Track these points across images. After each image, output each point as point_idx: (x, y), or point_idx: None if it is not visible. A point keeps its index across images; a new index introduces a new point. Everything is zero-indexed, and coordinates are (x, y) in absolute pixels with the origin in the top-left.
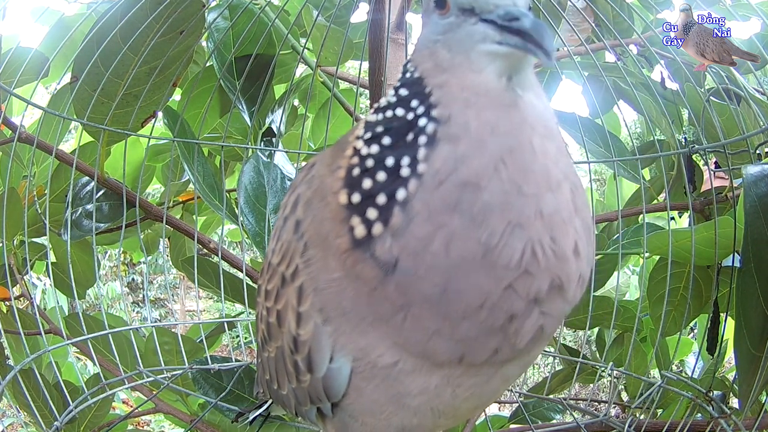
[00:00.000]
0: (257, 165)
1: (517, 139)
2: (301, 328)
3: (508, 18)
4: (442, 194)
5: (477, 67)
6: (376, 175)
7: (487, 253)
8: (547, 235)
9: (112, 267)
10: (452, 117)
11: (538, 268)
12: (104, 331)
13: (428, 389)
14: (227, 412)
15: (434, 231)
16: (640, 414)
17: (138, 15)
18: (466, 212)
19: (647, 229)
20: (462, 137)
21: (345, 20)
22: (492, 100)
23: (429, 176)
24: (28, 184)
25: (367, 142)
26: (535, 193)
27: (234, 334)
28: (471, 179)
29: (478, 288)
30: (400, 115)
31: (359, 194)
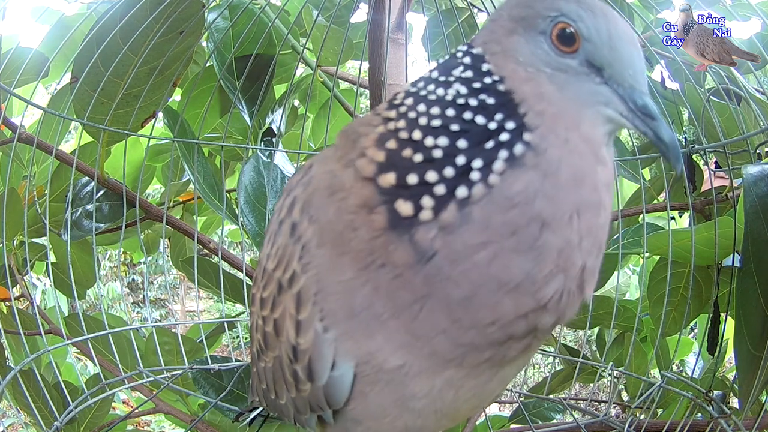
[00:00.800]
0: (257, 165)
1: (597, 199)
2: (301, 336)
3: (642, 109)
4: (509, 216)
5: (590, 121)
6: (444, 170)
7: (523, 283)
8: (581, 285)
9: (112, 267)
10: (548, 151)
11: (555, 308)
12: (104, 331)
13: (432, 391)
14: (227, 412)
15: (485, 243)
16: (641, 414)
17: (138, 15)
18: (524, 242)
19: (647, 229)
20: (551, 175)
21: (345, 20)
22: (590, 153)
23: (502, 194)
24: (28, 184)
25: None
26: (589, 250)
27: (234, 334)
28: (545, 217)
29: (498, 308)
30: (480, 123)
31: (417, 176)
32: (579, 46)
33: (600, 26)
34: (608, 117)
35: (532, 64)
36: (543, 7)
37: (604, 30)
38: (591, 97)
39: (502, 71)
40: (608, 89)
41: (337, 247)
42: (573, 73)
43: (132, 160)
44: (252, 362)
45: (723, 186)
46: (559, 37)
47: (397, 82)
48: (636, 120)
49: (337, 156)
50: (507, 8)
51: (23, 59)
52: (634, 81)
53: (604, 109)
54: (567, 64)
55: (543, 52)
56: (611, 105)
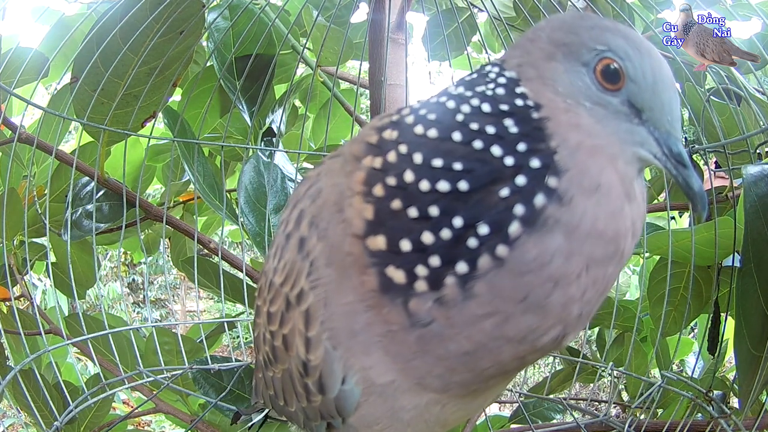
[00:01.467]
0: (257, 165)
1: (614, 250)
2: (311, 353)
3: (676, 156)
4: (518, 284)
5: (625, 157)
6: (440, 232)
7: (527, 337)
8: (577, 327)
9: (112, 267)
10: (574, 200)
11: (550, 347)
12: (104, 331)
13: (419, 406)
14: (227, 412)
15: (491, 314)
16: (641, 414)
17: (138, 15)
18: (532, 304)
19: (647, 229)
20: (574, 229)
21: (345, 20)
22: (622, 194)
23: (514, 263)
24: (28, 184)
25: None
26: (589, 300)
27: (234, 334)
28: (557, 278)
29: (498, 357)
30: (496, 155)
31: (410, 243)
32: (623, 85)
33: (646, 68)
34: (642, 157)
35: (572, 96)
36: (589, 38)
37: (649, 72)
38: (628, 136)
39: (539, 98)
40: (645, 131)
41: (341, 268)
42: (612, 110)
43: (132, 160)
44: (257, 368)
45: (723, 186)
46: (603, 72)
47: (397, 82)
48: (668, 164)
49: (345, 171)
50: (548, 30)
51: (23, 59)
52: (671, 127)
53: (639, 149)
54: (608, 101)
55: (584, 85)
56: (646, 146)
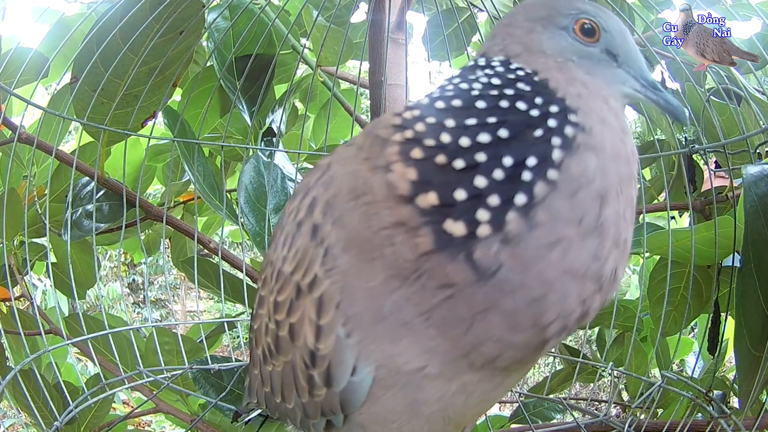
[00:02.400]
0: (258, 165)
1: (631, 171)
2: (321, 342)
3: (651, 84)
4: (574, 204)
5: (614, 97)
6: (493, 173)
7: (591, 267)
8: (621, 260)
9: (112, 267)
10: (593, 129)
11: (606, 288)
12: (104, 331)
13: (445, 396)
14: (227, 412)
15: (557, 241)
16: (641, 414)
17: (138, 15)
18: (589, 225)
19: (647, 228)
20: (601, 150)
21: (345, 20)
22: (619, 127)
23: (564, 183)
24: (28, 184)
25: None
26: (630, 220)
27: (234, 334)
28: (603, 193)
29: (565, 300)
30: (522, 109)
31: (464, 191)
32: (599, 37)
33: (612, 22)
34: (626, 93)
35: (561, 54)
36: (563, 7)
37: (615, 25)
38: (612, 78)
39: (533, 65)
40: (623, 71)
41: (363, 252)
42: (596, 59)
43: (132, 160)
44: (253, 364)
45: (723, 186)
46: (581, 30)
47: (397, 82)
48: (648, 93)
49: (361, 157)
50: (522, 12)
51: (23, 59)
52: (640, 64)
53: (622, 87)
54: (590, 51)
55: (568, 44)
56: (628, 83)
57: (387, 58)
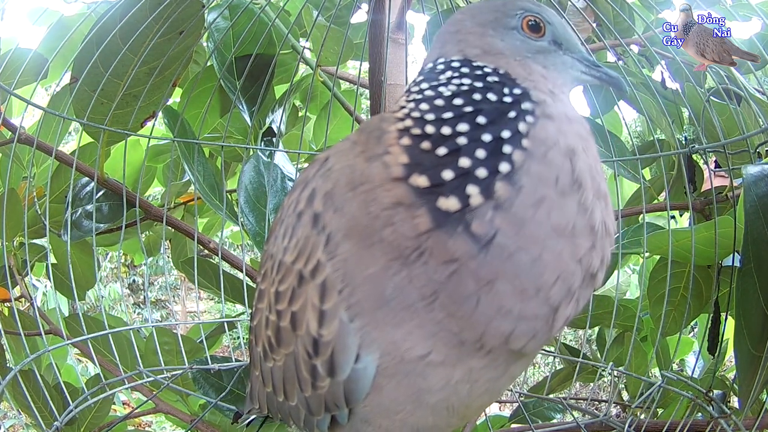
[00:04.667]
0: (258, 165)
1: (586, 131)
2: (324, 327)
3: (593, 63)
4: (547, 164)
5: (566, 83)
6: (475, 152)
7: (578, 220)
8: (606, 210)
9: (113, 269)
10: (546, 101)
11: (600, 243)
12: (104, 331)
13: (449, 384)
14: (227, 412)
15: (540, 200)
16: (641, 413)
17: (137, 15)
18: (566, 181)
19: (647, 228)
20: (556, 117)
21: (345, 20)
22: (567, 102)
23: (535, 147)
24: (27, 185)
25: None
26: (600, 173)
27: (234, 334)
28: (571, 149)
29: (562, 258)
30: (493, 99)
31: (451, 171)
32: (545, 31)
33: (551, 15)
34: (575, 77)
35: (519, 53)
36: (509, 9)
37: (554, 17)
38: (563, 66)
39: (495, 64)
40: (569, 57)
41: (364, 239)
42: (547, 51)
43: (132, 161)
44: (253, 366)
45: (723, 186)
46: (529, 27)
47: (398, 82)
48: (593, 72)
49: (357, 151)
50: (469, 18)
51: (23, 60)
52: (579, 47)
53: (571, 71)
54: (541, 45)
55: (520, 43)
56: (575, 67)
57: (387, 58)
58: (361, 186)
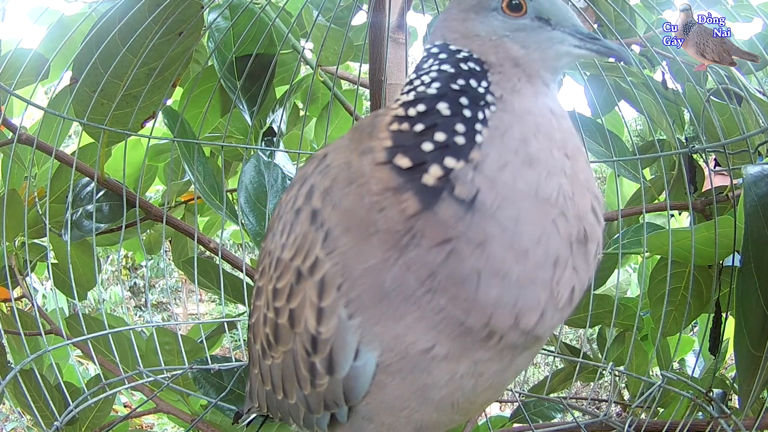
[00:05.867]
0: (258, 165)
1: (544, 119)
2: (323, 324)
3: (587, 36)
4: (505, 141)
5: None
6: (455, 126)
7: (538, 188)
8: (570, 188)
9: (113, 271)
10: (504, 97)
11: (569, 212)
12: (105, 331)
13: (454, 378)
14: (228, 412)
15: (504, 164)
16: (641, 413)
17: (137, 16)
18: (522, 155)
19: (647, 228)
20: (511, 110)
21: (345, 20)
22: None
23: (494, 130)
24: (28, 185)
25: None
26: (558, 157)
27: (235, 336)
28: (524, 136)
29: (535, 220)
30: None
31: (432, 144)
32: (526, 8)
33: None
34: (566, 52)
35: (495, 33)
36: None
37: None
38: (549, 42)
39: (470, 47)
40: (559, 32)
41: (360, 232)
42: (529, 29)
43: (132, 161)
44: (252, 364)
45: (723, 186)
46: (509, 6)
47: (398, 81)
48: (587, 45)
49: (351, 147)
50: (455, 5)
51: (23, 60)
52: (573, 20)
53: (561, 46)
54: (522, 23)
55: (499, 23)
56: (566, 42)
57: (387, 58)
58: (357, 180)
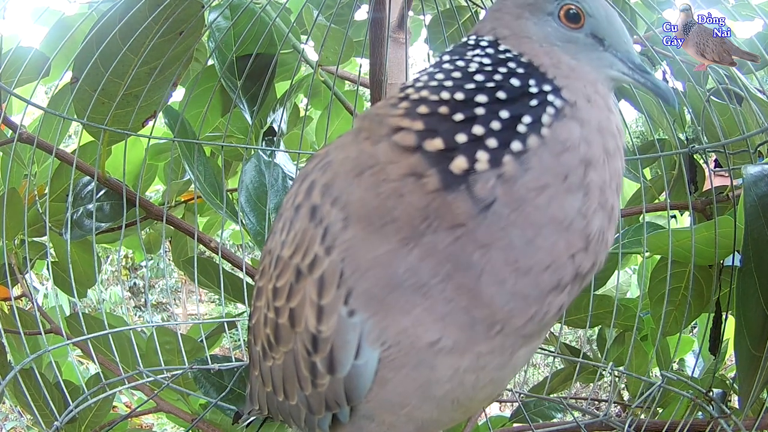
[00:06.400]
0: (258, 164)
1: (616, 144)
2: (323, 323)
3: (638, 66)
4: (562, 160)
5: (601, 81)
6: (490, 123)
7: (576, 220)
8: (608, 223)
9: (113, 271)
10: (578, 104)
11: (594, 248)
12: (105, 331)
13: (457, 374)
14: (228, 412)
15: (543, 187)
16: (641, 413)
17: (137, 16)
18: (575, 182)
19: (648, 228)
20: (586, 123)
21: (346, 19)
22: (605, 106)
23: (552, 143)
24: (28, 183)
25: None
26: (615, 190)
27: (235, 336)
28: (588, 159)
29: (555, 249)
30: (516, 85)
31: (465, 135)
32: (584, 22)
33: (598, 6)
34: (613, 77)
35: (546, 40)
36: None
37: (601, 9)
38: (599, 62)
39: (520, 48)
40: (610, 55)
41: (373, 222)
42: (581, 44)
43: (132, 160)
44: (252, 366)
45: (724, 186)
46: (566, 15)
47: (398, 81)
48: (635, 75)
49: (360, 138)
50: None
51: (23, 59)
52: (628, 47)
53: (609, 70)
54: (575, 37)
55: (553, 30)
56: (615, 66)
57: (387, 57)
58: (369, 169)
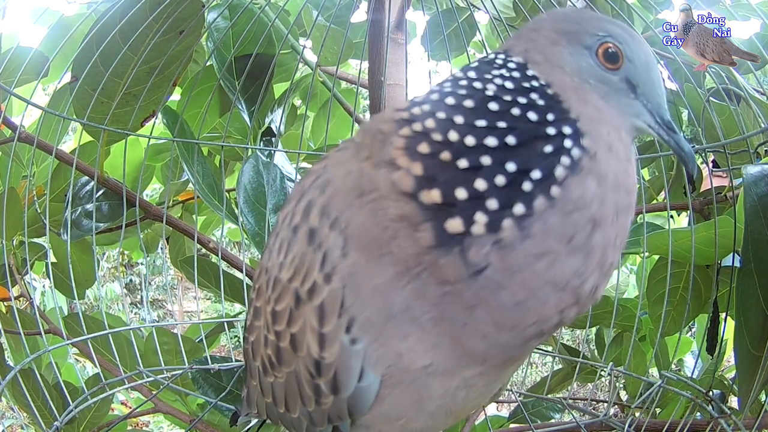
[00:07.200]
0: (257, 165)
1: (629, 201)
2: (326, 350)
3: (666, 123)
4: (569, 221)
5: (626, 129)
6: (495, 178)
7: (572, 281)
8: (603, 280)
9: (110, 268)
10: (598, 156)
11: (584, 303)
12: (104, 331)
13: (449, 391)
14: (227, 412)
15: (543, 254)
16: (640, 413)
17: (137, 15)
18: (578, 244)
19: (647, 228)
20: (603, 179)
21: (345, 20)
22: (624, 157)
23: (562, 202)
24: (27, 183)
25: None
26: (619, 247)
27: (233, 335)
28: (597, 219)
29: (544, 308)
30: (533, 120)
31: (465, 191)
32: (621, 65)
33: (639, 51)
34: (639, 127)
35: (578, 75)
36: (591, 26)
37: (642, 54)
38: (627, 108)
39: (548, 78)
40: (640, 104)
41: (372, 250)
42: (613, 86)
43: (132, 160)
44: (251, 376)
45: (722, 186)
46: (605, 54)
47: (397, 81)
48: (661, 131)
49: (362, 156)
50: (550, 21)
51: (23, 59)
52: (660, 100)
53: (635, 120)
54: (609, 78)
55: (587, 65)
56: (642, 117)
57: (387, 58)
58: (370, 194)
